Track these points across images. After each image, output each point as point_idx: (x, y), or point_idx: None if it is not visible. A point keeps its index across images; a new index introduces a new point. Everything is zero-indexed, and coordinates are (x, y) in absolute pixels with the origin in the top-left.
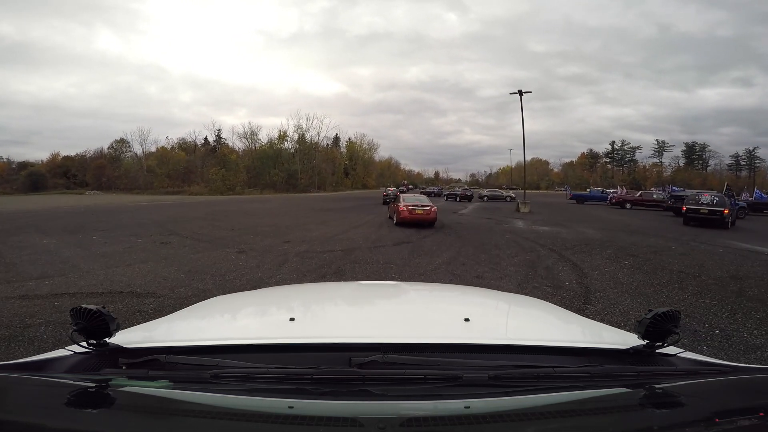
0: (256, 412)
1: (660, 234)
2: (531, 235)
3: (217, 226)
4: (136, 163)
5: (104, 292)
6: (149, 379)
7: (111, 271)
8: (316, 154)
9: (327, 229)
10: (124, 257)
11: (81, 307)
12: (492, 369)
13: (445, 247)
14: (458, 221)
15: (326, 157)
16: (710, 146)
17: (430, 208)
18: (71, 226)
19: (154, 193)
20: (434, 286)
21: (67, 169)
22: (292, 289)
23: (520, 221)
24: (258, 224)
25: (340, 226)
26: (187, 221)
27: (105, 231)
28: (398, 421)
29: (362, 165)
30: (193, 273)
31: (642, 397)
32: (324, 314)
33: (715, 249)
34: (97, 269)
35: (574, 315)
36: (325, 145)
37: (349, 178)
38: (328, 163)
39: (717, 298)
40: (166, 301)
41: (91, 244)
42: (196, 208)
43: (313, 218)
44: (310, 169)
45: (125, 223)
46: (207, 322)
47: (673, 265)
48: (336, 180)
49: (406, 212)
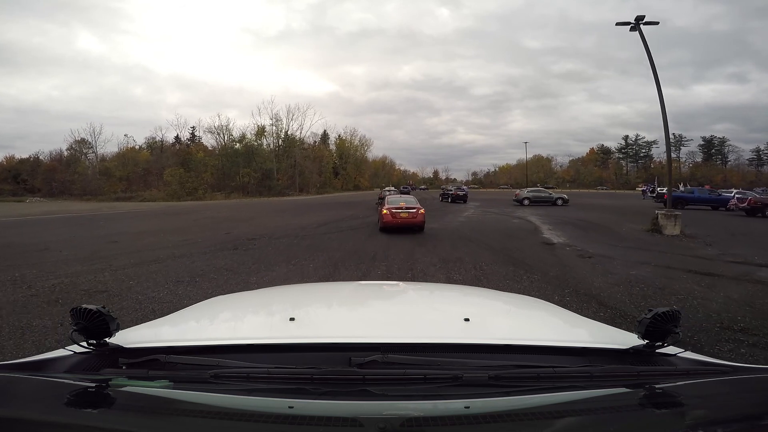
0: (256, 412)
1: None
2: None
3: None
4: (92, 166)
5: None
6: (149, 379)
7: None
8: (297, 150)
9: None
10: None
11: (81, 307)
12: (492, 369)
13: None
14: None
15: (311, 155)
16: (729, 140)
17: (417, 211)
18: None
19: (103, 200)
20: (434, 286)
21: (18, 173)
22: (292, 289)
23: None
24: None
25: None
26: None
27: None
28: (398, 421)
29: (354, 164)
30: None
31: (642, 397)
32: (324, 314)
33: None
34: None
35: (574, 315)
36: (313, 142)
37: (339, 179)
38: (313, 162)
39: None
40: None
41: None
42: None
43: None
44: (290, 168)
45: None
46: (207, 322)
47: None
48: (324, 180)
49: (389, 216)
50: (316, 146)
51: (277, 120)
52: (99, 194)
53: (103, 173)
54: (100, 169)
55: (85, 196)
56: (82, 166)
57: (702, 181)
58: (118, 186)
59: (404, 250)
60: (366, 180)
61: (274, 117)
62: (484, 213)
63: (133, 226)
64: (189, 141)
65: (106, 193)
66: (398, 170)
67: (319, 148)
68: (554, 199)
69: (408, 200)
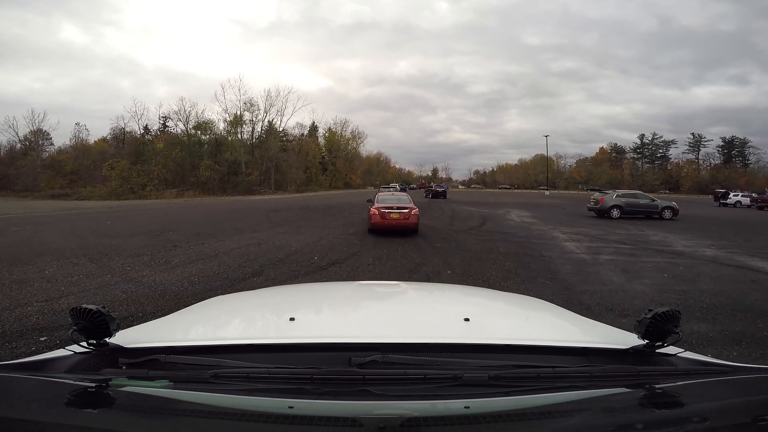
0: (256, 412)
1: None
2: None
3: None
4: (36, 159)
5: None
6: (149, 379)
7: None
8: (272, 140)
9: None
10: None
11: (81, 307)
12: (492, 369)
13: None
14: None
15: (295, 147)
16: (751, 142)
17: (410, 211)
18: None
19: (38, 198)
20: (434, 286)
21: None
22: (292, 289)
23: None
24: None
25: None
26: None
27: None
28: (398, 421)
29: (344, 159)
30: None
31: (642, 397)
32: (324, 314)
33: None
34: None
35: (574, 315)
36: (300, 134)
37: (327, 175)
38: (297, 155)
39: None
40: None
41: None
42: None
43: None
44: (266, 162)
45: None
46: (207, 322)
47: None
48: (309, 177)
49: (378, 216)
50: (303, 138)
51: (251, 105)
52: (36, 190)
53: (50, 167)
54: (50, 162)
55: (22, 193)
56: (30, 160)
57: (725, 184)
58: (57, 182)
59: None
60: (358, 177)
61: (247, 102)
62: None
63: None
64: (160, 131)
65: (44, 190)
66: (393, 168)
67: (306, 141)
68: (660, 208)
69: (400, 199)
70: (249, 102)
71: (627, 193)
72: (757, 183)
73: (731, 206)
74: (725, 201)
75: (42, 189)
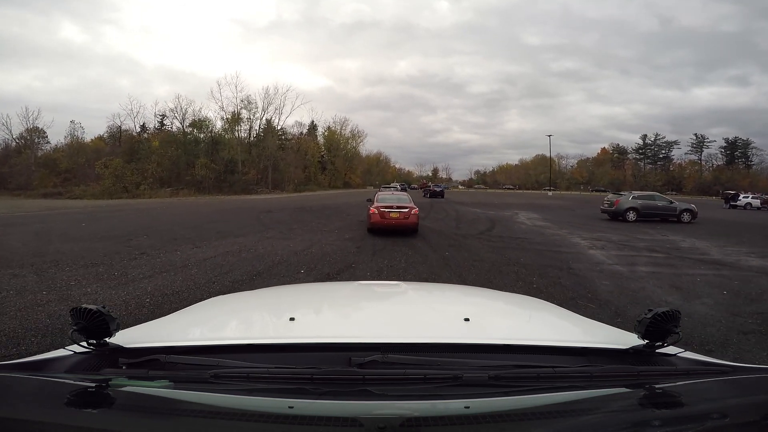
0: (256, 412)
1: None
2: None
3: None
4: (30, 157)
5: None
6: (149, 379)
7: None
8: (270, 139)
9: None
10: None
11: (81, 307)
12: (492, 369)
13: None
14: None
15: (294, 146)
16: (754, 143)
17: (409, 211)
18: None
19: (31, 196)
20: (434, 286)
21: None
22: (292, 289)
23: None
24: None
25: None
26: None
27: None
28: (398, 421)
29: (344, 158)
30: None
31: (642, 397)
32: (324, 314)
33: None
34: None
35: (574, 315)
36: (299, 133)
37: (326, 174)
38: (296, 154)
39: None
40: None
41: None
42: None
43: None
44: (263, 160)
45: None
46: (207, 322)
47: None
48: (308, 176)
49: (377, 216)
50: (302, 137)
51: (249, 102)
52: (29, 189)
53: (44, 165)
54: (45, 160)
55: (15, 191)
56: (24, 157)
57: (728, 185)
58: (51, 180)
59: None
60: (358, 176)
61: (244, 99)
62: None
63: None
64: (157, 129)
65: (36, 188)
66: (393, 168)
67: (304, 139)
68: (678, 211)
69: (401, 198)
70: (246, 100)
71: (644, 195)
72: (760, 184)
73: (741, 208)
74: (735, 203)
75: (35, 187)
